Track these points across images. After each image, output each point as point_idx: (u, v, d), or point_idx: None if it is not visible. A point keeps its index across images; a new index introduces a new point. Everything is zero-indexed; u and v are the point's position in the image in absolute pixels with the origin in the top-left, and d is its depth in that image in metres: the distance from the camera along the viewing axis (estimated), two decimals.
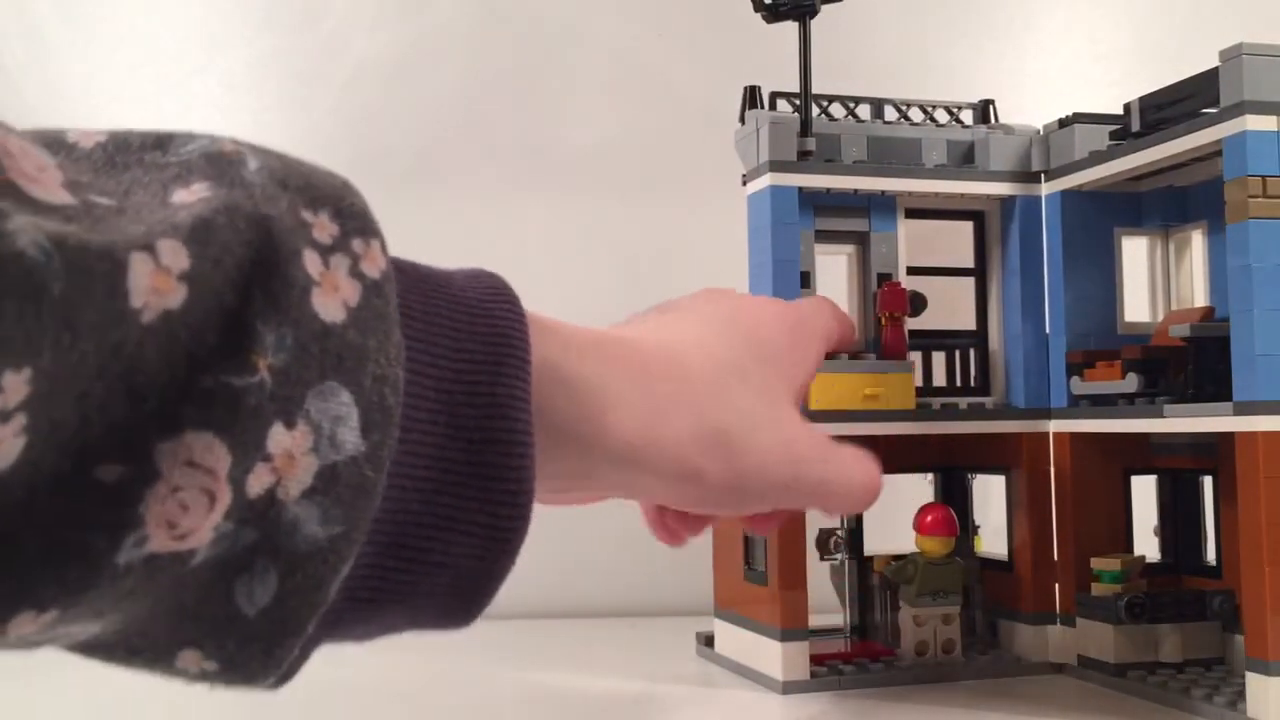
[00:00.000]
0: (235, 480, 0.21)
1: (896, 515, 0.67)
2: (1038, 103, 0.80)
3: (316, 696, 0.63)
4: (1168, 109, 0.60)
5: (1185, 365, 0.58)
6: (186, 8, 0.92)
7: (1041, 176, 0.68)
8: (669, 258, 0.92)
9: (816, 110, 0.66)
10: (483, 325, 0.27)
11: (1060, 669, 0.65)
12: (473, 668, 0.71)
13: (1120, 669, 0.61)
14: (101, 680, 0.66)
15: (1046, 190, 0.68)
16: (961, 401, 0.68)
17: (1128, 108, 0.63)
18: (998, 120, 0.70)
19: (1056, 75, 0.99)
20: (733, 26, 0.66)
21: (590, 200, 0.94)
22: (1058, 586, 0.66)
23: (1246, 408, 0.53)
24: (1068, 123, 0.66)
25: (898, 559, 0.66)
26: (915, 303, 0.67)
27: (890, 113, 0.69)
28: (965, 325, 0.71)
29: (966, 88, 0.77)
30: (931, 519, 0.65)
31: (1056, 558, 0.66)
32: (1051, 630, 0.66)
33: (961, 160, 0.68)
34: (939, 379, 0.71)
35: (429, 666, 0.71)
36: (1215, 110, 0.55)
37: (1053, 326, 0.67)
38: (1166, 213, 0.68)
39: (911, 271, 0.69)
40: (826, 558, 0.68)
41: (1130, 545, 0.66)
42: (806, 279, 0.65)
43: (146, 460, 0.20)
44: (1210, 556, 0.65)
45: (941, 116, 0.69)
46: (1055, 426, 0.66)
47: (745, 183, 0.67)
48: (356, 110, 0.92)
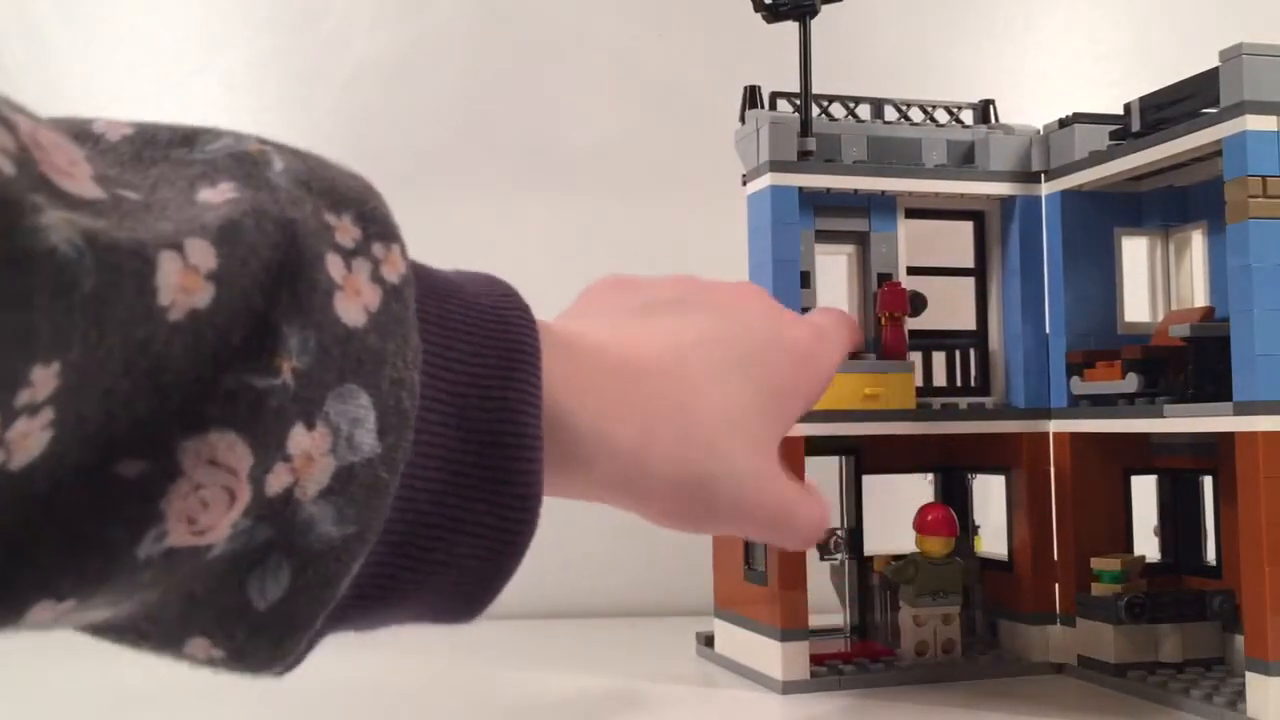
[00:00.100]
0: (255, 479, 0.22)
1: (897, 515, 0.67)
2: (1038, 103, 0.80)
3: (317, 696, 0.63)
4: (1168, 109, 0.60)
5: (1185, 365, 0.59)
6: (186, 8, 0.92)
7: (1041, 176, 0.68)
8: (669, 258, 0.91)
9: (816, 110, 0.66)
10: (496, 331, 0.27)
11: (1060, 669, 0.65)
12: (473, 668, 0.71)
13: (1120, 669, 0.61)
14: (103, 677, 0.66)
15: (1046, 190, 0.68)
16: (961, 401, 0.68)
17: (1128, 108, 0.63)
18: (998, 120, 0.70)
19: (1056, 75, 0.99)
20: (733, 26, 0.66)
21: (590, 200, 0.94)
22: (1058, 586, 0.66)
23: (1246, 408, 0.53)
24: (1068, 123, 0.66)
25: (898, 559, 0.66)
26: (915, 303, 0.67)
27: (890, 113, 0.69)
28: (965, 325, 0.71)
29: (966, 88, 0.77)
30: (931, 519, 0.65)
31: (1056, 558, 0.67)
32: (1051, 630, 0.66)
33: (961, 160, 0.68)
34: (939, 379, 0.71)
35: (429, 666, 0.71)
36: (1215, 110, 0.55)
37: (1053, 326, 0.67)
38: (1166, 213, 0.68)
39: (911, 271, 0.69)
40: (826, 558, 0.68)
41: (1130, 545, 0.66)
42: (806, 279, 0.65)
43: (169, 457, 0.21)
44: (1210, 556, 0.65)
45: (941, 116, 0.69)
46: (1055, 426, 0.66)
47: (745, 183, 0.67)
48: (356, 110, 0.92)
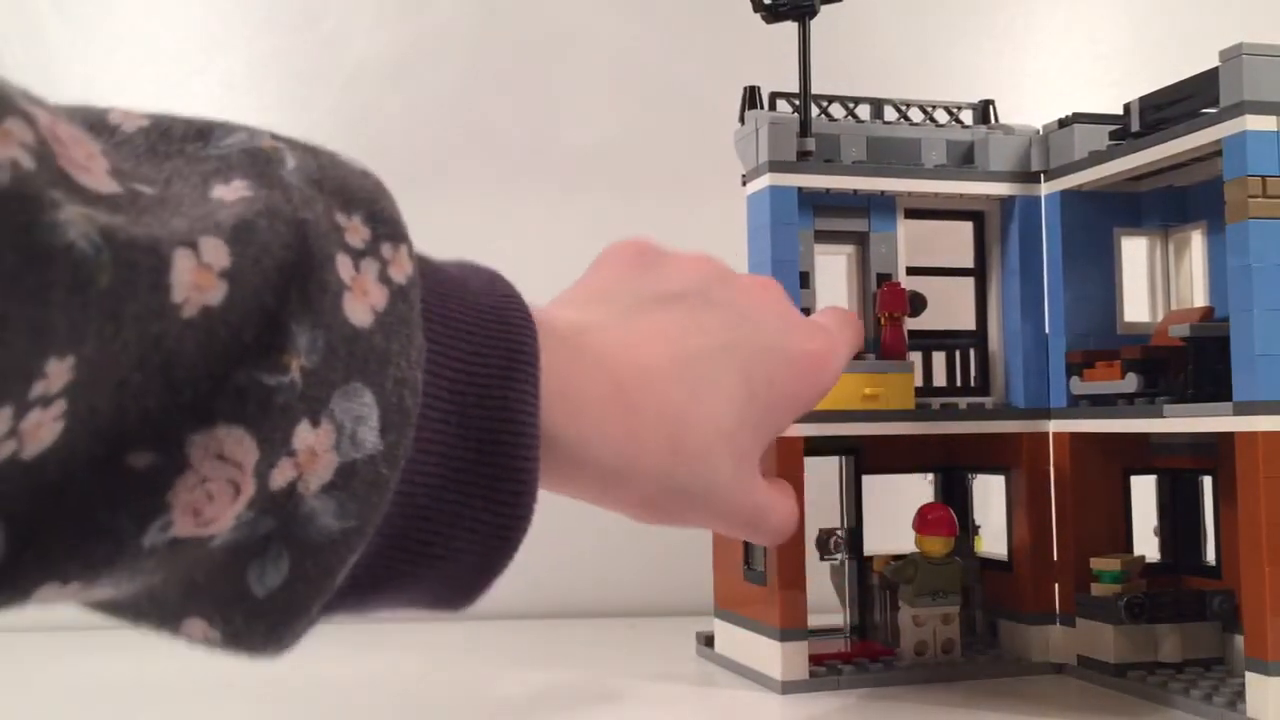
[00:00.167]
0: (260, 474, 0.22)
1: (897, 515, 0.67)
2: (1038, 103, 0.80)
3: (317, 696, 0.63)
4: (1167, 109, 0.60)
5: (1185, 365, 0.58)
6: (186, 8, 0.92)
7: (1041, 176, 0.68)
8: None
9: (816, 110, 0.66)
10: (497, 332, 0.28)
11: (1060, 669, 0.65)
12: (472, 668, 0.71)
13: (1120, 669, 0.61)
14: (104, 675, 0.66)
15: (1046, 190, 0.68)
16: (961, 401, 0.68)
17: (1127, 108, 0.63)
18: (997, 120, 0.70)
19: (1056, 75, 0.99)
20: (734, 26, 0.66)
21: (590, 200, 0.94)
22: (1057, 587, 0.66)
23: (1246, 408, 0.53)
24: (1067, 123, 0.66)
25: (897, 559, 0.66)
26: (915, 303, 0.67)
27: (890, 113, 0.69)
28: (966, 325, 0.71)
29: (967, 88, 0.77)
30: (930, 519, 0.65)
31: (1056, 558, 0.66)
32: (1051, 630, 0.66)
33: (961, 160, 0.68)
34: (940, 379, 0.71)
35: (429, 666, 0.71)
36: (1215, 110, 0.55)
37: (1052, 326, 0.67)
38: (1166, 213, 0.68)
39: (911, 272, 0.69)
40: (827, 558, 0.68)
41: (1130, 545, 0.66)
42: (806, 279, 0.65)
43: (178, 450, 0.21)
44: (1210, 556, 0.65)
45: (941, 117, 0.69)
46: (1055, 426, 0.66)
47: (745, 183, 0.67)
48: (356, 110, 0.92)
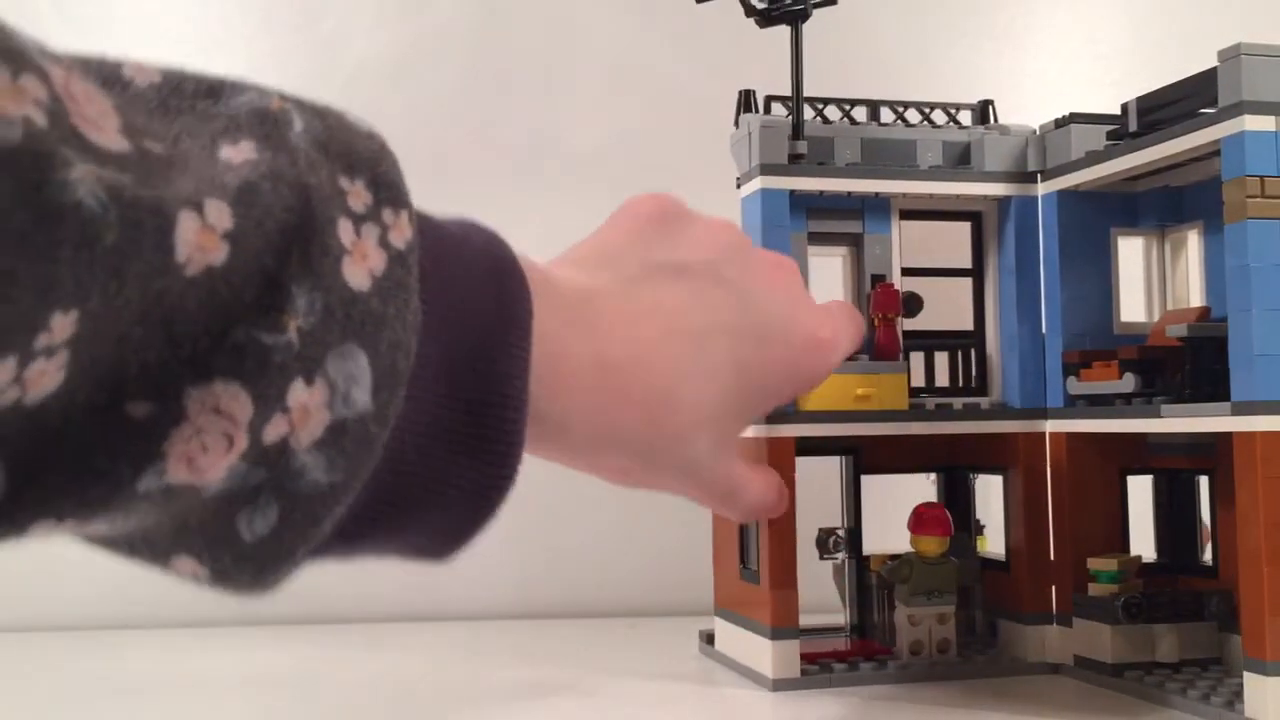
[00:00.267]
0: (254, 428, 0.23)
1: (900, 515, 0.67)
2: (1038, 103, 0.80)
3: (317, 696, 0.63)
4: (1165, 109, 0.60)
5: (1182, 365, 0.58)
6: (186, 8, 0.92)
7: (1038, 177, 0.68)
8: None
9: (811, 113, 0.66)
10: (493, 296, 0.29)
11: (1057, 669, 0.65)
12: (473, 668, 0.71)
13: (1117, 669, 0.61)
14: (106, 671, 0.66)
15: (1043, 190, 0.68)
16: (957, 401, 0.68)
17: (1125, 108, 0.63)
18: (996, 121, 0.70)
19: (1056, 75, 0.98)
20: (734, 28, 0.66)
21: (590, 200, 0.93)
22: (1054, 587, 0.66)
23: (1244, 408, 0.53)
24: (1064, 123, 0.66)
25: (894, 558, 0.66)
26: (910, 304, 0.67)
27: (886, 114, 0.68)
28: (964, 326, 0.71)
29: (966, 88, 0.77)
30: (925, 518, 0.65)
31: (1053, 558, 0.66)
32: (1048, 630, 0.66)
33: (957, 161, 0.68)
34: (941, 379, 0.70)
35: (429, 666, 0.71)
36: (1213, 110, 0.55)
37: (1049, 326, 0.67)
38: (1163, 213, 0.68)
39: (907, 272, 0.69)
40: (826, 557, 0.68)
41: (1127, 545, 0.66)
42: None
43: (176, 402, 0.22)
44: (1207, 557, 0.65)
45: (939, 118, 0.69)
46: (1052, 426, 0.66)
47: (739, 186, 0.67)
48: (356, 110, 0.91)
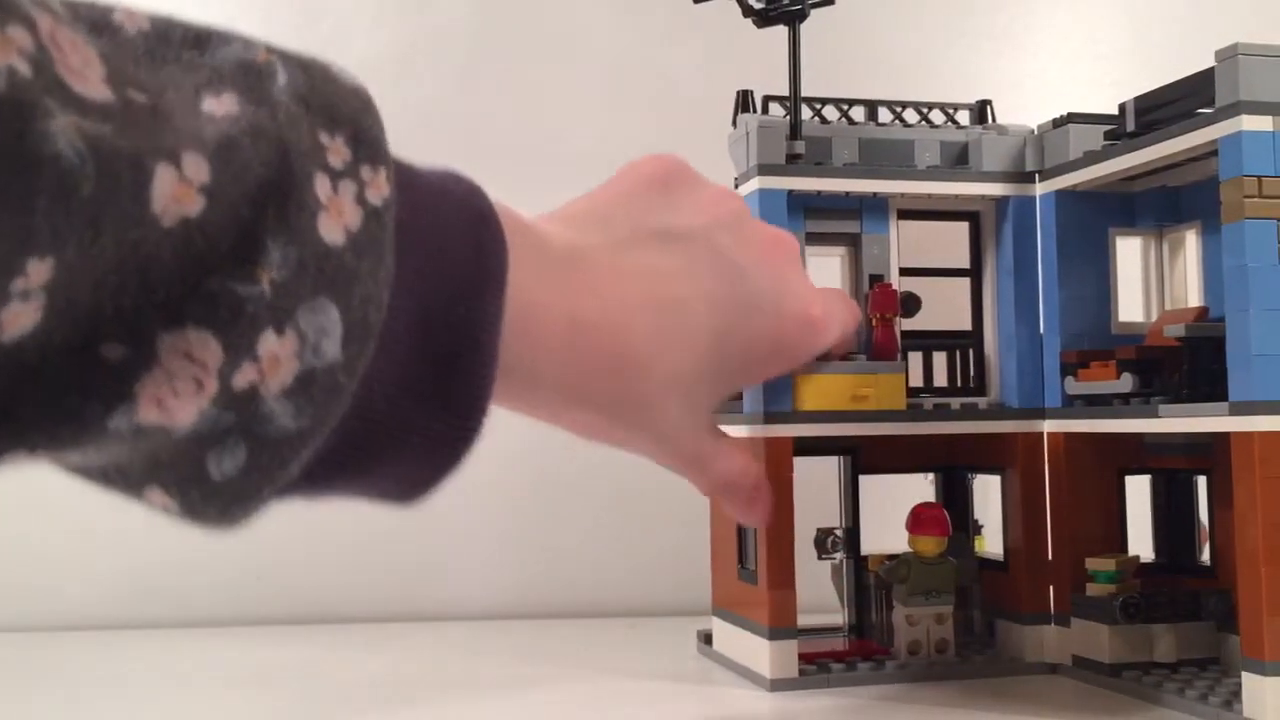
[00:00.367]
0: (224, 375, 0.23)
1: (896, 515, 0.67)
2: (1037, 103, 0.80)
3: (317, 695, 0.63)
4: (1163, 109, 0.60)
5: (1180, 365, 0.58)
6: (185, 8, 0.92)
7: (1036, 177, 0.68)
8: None
9: (809, 113, 0.66)
10: (469, 252, 0.29)
11: (1055, 669, 0.65)
12: (473, 668, 0.71)
13: (1115, 669, 0.61)
14: (106, 670, 0.66)
15: (1041, 190, 0.68)
16: (955, 401, 0.68)
17: (1122, 108, 0.63)
18: (994, 121, 0.70)
19: (1056, 75, 0.98)
20: (734, 28, 0.66)
21: None
22: (1052, 587, 0.66)
23: (1242, 408, 0.53)
24: (1062, 123, 0.66)
25: (892, 559, 0.66)
26: (908, 304, 0.67)
27: (885, 114, 0.68)
28: (963, 326, 0.71)
29: (966, 88, 0.77)
30: (923, 518, 0.65)
31: (1051, 558, 0.66)
32: (1046, 630, 0.66)
33: (955, 161, 0.68)
34: (938, 379, 0.70)
35: (428, 666, 0.71)
36: (1210, 110, 0.55)
37: (1047, 326, 0.67)
38: (1160, 213, 0.68)
39: (905, 272, 0.68)
40: (825, 557, 0.68)
41: (1125, 545, 0.66)
42: None
43: (148, 346, 0.22)
44: (1205, 557, 0.65)
45: (937, 118, 0.69)
46: (1049, 426, 0.66)
47: (737, 186, 0.67)
48: None
